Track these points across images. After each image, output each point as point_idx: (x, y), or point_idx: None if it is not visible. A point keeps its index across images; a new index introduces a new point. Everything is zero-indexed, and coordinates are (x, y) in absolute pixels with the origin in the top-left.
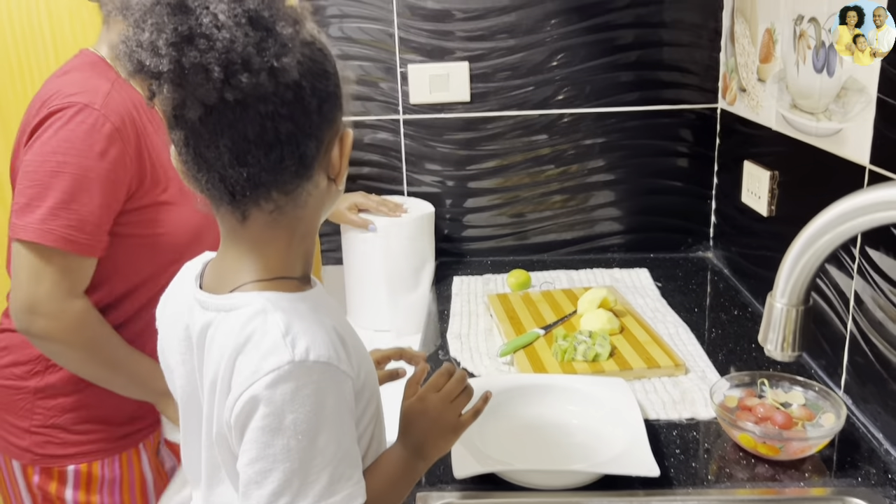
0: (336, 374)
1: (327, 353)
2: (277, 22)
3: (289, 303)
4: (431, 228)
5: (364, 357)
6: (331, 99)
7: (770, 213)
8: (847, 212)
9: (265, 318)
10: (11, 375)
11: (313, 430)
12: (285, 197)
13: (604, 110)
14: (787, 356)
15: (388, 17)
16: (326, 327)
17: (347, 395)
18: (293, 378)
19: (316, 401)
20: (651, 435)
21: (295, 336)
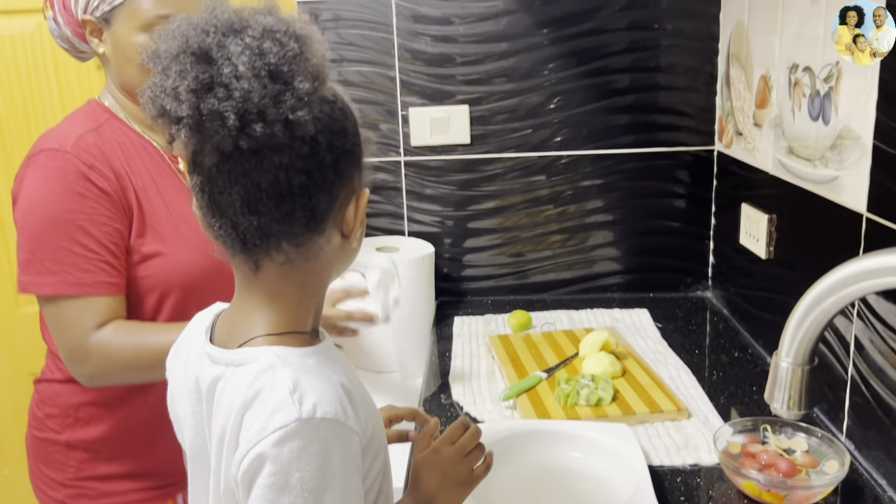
0: (343, 431)
1: (334, 410)
2: (296, 77)
3: (298, 358)
4: (431, 268)
5: (371, 411)
6: (347, 157)
7: (769, 256)
8: (853, 275)
9: (273, 374)
10: (46, 427)
11: (320, 487)
12: (296, 249)
13: (601, 152)
14: (794, 415)
15: (390, 62)
16: (334, 383)
17: (354, 452)
18: (300, 436)
19: (323, 458)
20: (655, 481)
21: (303, 393)
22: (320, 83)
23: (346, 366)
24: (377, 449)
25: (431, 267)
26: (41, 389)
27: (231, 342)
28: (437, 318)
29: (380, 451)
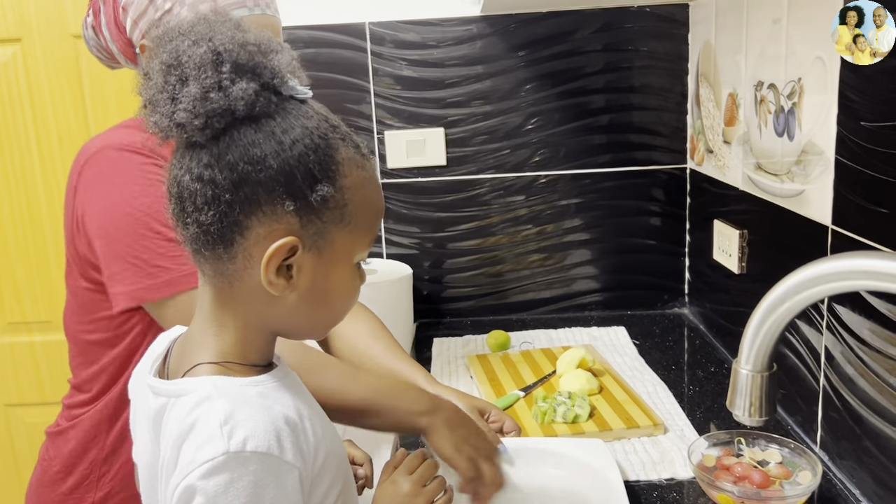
0: (277, 465)
1: (267, 443)
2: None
3: (237, 388)
4: (409, 290)
5: (326, 440)
6: (255, 185)
7: (741, 270)
8: (805, 281)
9: (210, 406)
10: (61, 489)
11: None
12: (208, 267)
13: (578, 172)
14: (755, 421)
15: (365, 86)
16: (273, 415)
17: (290, 488)
18: (227, 469)
19: (253, 493)
20: (632, 496)
21: (234, 426)
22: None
23: (298, 395)
24: (332, 480)
25: (409, 289)
26: (57, 443)
27: (180, 369)
28: (415, 340)
29: (336, 481)
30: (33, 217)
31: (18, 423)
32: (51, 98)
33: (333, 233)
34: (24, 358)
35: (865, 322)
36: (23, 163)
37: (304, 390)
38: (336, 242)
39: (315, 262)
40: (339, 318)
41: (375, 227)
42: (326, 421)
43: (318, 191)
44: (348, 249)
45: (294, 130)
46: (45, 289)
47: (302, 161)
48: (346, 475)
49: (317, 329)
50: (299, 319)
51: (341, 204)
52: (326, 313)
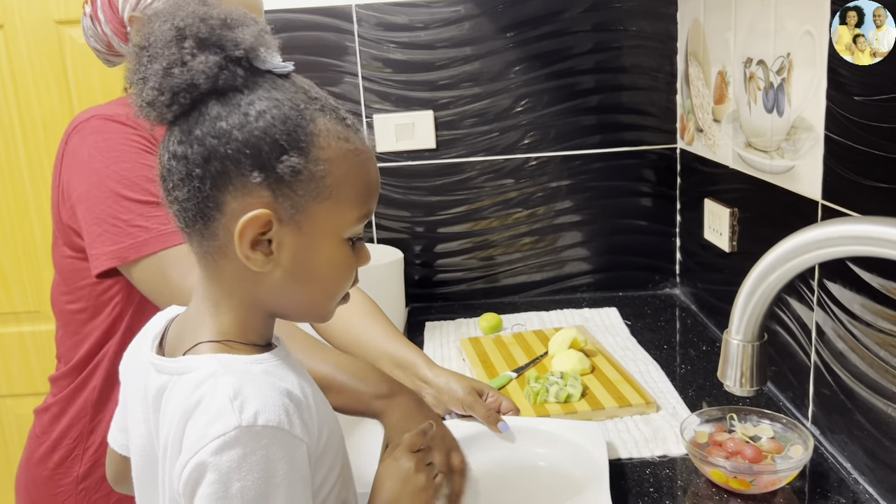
0: (288, 440)
1: (277, 417)
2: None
3: (242, 365)
4: (401, 274)
5: (327, 421)
6: (221, 160)
7: (732, 249)
8: (793, 249)
9: (215, 382)
10: (50, 465)
11: (263, 497)
12: (203, 252)
13: (569, 153)
14: (746, 392)
15: (353, 69)
16: (279, 391)
17: (301, 462)
18: (240, 444)
19: (265, 467)
20: (624, 474)
21: (244, 400)
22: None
23: (301, 374)
24: (333, 461)
25: (401, 273)
26: (44, 420)
27: (178, 349)
28: (408, 325)
29: (336, 463)
30: (19, 206)
31: (9, 414)
32: (34, 85)
33: (312, 207)
34: (12, 348)
35: (856, 297)
36: (7, 151)
37: (303, 370)
38: (317, 217)
39: (296, 237)
40: (330, 297)
41: (366, 202)
42: (325, 401)
43: (285, 162)
44: (333, 225)
45: (261, 102)
46: (32, 278)
47: (268, 132)
48: (344, 456)
49: (311, 310)
50: (289, 298)
51: (318, 176)
52: (316, 292)
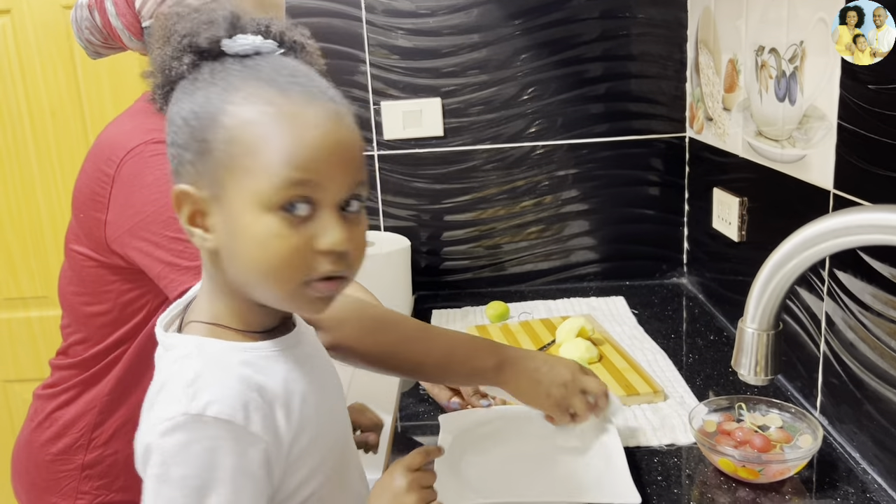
0: (240, 435)
1: (231, 410)
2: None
3: (218, 351)
4: (408, 262)
5: (315, 423)
6: (169, 143)
7: (741, 239)
8: (810, 238)
9: (183, 365)
10: (52, 451)
11: (204, 488)
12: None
13: (576, 142)
14: (760, 380)
15: (361, 56)
16: (246, 384)
17: (253, 460)
18: (185, 431)
19: (209, 459)
20: (632, 462)
21: (200, 388)
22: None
23: (301, 369)
24: (317, 465)
25: (408, 261)
26: (47, 405)
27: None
28: (414, 313)
29: (321, 469)
30: (27, 192)
31: (17, 399)
32: (42, 71)
33: (226, 178)
34: (21, 334)
35: (867, 287)
36: (15, 138)
37: (315, 364)
38: (232, 188)
39: (220, 214)
40: (275, 280)
41: (287, 167)
42: (330, 404)
43: (197, 136)
44: (250, 194)
45: (194, 85)
46: (40, 264)
47: (192, 109)
48: (338, 467)
49: (272, 294)
50: (241, 278)
51: (229, 141)
52: (259, 273)
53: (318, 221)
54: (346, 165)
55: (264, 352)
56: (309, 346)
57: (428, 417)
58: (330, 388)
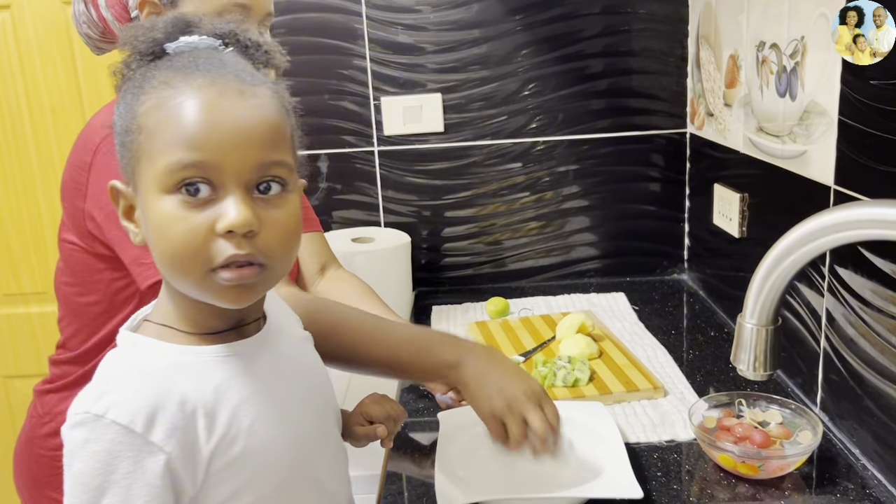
0: (137, 444)
1: (130, 418)
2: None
3: (150, 354)
4: (408, 258)
5: (251, 436)
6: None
7: (741, 235)
8: (810, 233)
9: (109, 361)
10: (52, 446)
11: (98, 488)
12: None
13: (576, 137)
14: (759, 376)
15: (360, 51)
16: (162, 391)
17: (150, 471)
18: (86, 429)
19: (105, 461)
20: (632, 458)
21: (109, 389)
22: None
23: (246, 377)
24: (247, 482)
25: (408, 257)
26: (45, 403)
27: None
28: (414, 309)
29: (253, 486)
30: (27, 187)
31: (17, 395)
32: (42, 66)
33: (137, 167)
34: (21, 329)
35: (867, 282)
36: (15, 133)
37: (274, 374)
38: (141, 175)
39: (139, 203)
40: (179, 267)
41: (177, 146)
42: (280, 417)
43: (119, 129)
44: (150, 181)
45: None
46: (40, 260)
47: (119, 109)
48: (286, 484)
49: (182, 283)
50: (161, 270)
51: (137, 131)
52: (160, 258)
53: (220, 203)
54: (249, 145)
55: (204, 357)
56: (272, 353)
57: (428, 414)
58: (287, 401)
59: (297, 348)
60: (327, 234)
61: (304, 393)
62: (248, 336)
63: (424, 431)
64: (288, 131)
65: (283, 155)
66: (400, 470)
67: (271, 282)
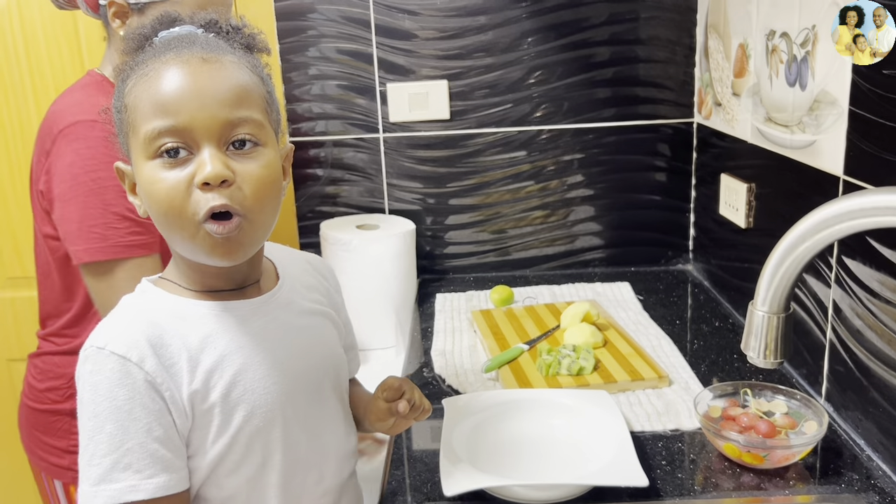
0: (133, 371)
1: (125, 348)
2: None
3: (150, 298)
4: (412, 246)
5: (219, 386)
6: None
7: (748, 225)
8: (825, 220)
9: (120, 304)
10: (48, 399)
11: (103, 414)
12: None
13: (582, 126)
14: (770, 364)
15: (367, 37)
16: (161, 331)
17: (142, 392)
18: (90, 362)
19: (107, 388)
20: (637, 447)
21: (111, 325)
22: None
23: (228, 334)
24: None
25: (412, 244)
26: (39, 363)
27: None
28: (419, 296)
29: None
30: None
31: (20, 378)
32: (46, 48)
33: (130, 143)
34: (25, 312)
35: (875, 273)
36: (20, 114)
37: (266, 335)
38: (132, 149)
39: (135, 175)
40: (171, 226)
41: (153, 114)
42: (258, 375)
43: (116, 113)
44: (137, 151)
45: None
46: None
47: (114, 97)
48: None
49: (181, 248)
50: (164, 235)
51: (124, 110)
52: (161, 222)
53: (196, 159)
54: (213, 104)
55: (199, 310)
56: (268, 318)
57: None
58: (275, 362)
59: (305, 320)
60: (332, 221)
61: (300, 361)
62: (247, 298)
63: (429, 418)
64: (257, 94)
65: (251, 112)
66: (404, 456)
67: (256, 235)
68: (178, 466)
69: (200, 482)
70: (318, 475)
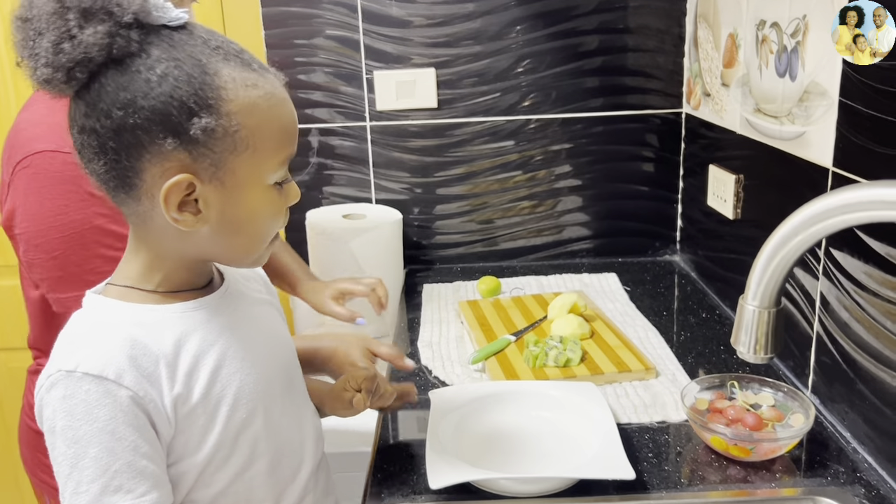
0: (108, 388)
1: (100, 367)
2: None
3: (107, 311)
4: (399, 236)
5: (199, 385)
6: (129, 130)
7: (736, 216)
8: (817, 213)
9: (72, 323)
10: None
11: (84, 439)
12: (131, 214)
13: (570, 116)
14: (760, 358)
15: (353, 24)
16: (124, 343)
17: (125, 409)
18: (62, 386)
19: (84, 411)
20: (623, 439)
21: (76, 346)
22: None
23: (199, 332)
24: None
25: (399, 234)
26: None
27: None
28: (405, 287)
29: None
30: None
31: (1, 367)
32: None
33: (232, 161)
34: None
35: (863, 265)
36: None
37: (230, 325)
38: (238, 170)
39: (220, 193)
40: (262, 241)
41: (284, 146)
42: (234, 367)
43: (196, 124)
44: (255, 174)
45: (161, 65)
46: None
47: (174, 96)
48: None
49: (245, 256)
50: (218, 249)
51: (231, 131)
52: (245, 240)
53: (287, 184)
54: None
55: (163, 314)
56: (232, 309)
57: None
58: (249, 353)
59: (258, 309)
60: (318, 210)
61: (266, 349)
62: (206, 295)
63: (415, 410)
64: None
65: None
66: (390, 448)
67: None
68: (164, 481)
69: (190, 485)
70: (300, 458)
